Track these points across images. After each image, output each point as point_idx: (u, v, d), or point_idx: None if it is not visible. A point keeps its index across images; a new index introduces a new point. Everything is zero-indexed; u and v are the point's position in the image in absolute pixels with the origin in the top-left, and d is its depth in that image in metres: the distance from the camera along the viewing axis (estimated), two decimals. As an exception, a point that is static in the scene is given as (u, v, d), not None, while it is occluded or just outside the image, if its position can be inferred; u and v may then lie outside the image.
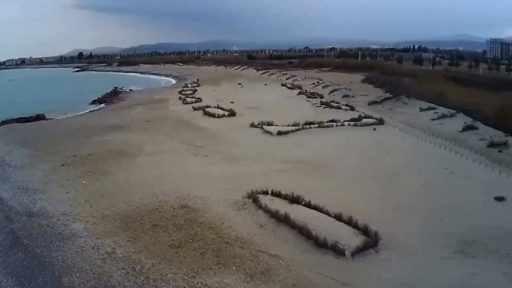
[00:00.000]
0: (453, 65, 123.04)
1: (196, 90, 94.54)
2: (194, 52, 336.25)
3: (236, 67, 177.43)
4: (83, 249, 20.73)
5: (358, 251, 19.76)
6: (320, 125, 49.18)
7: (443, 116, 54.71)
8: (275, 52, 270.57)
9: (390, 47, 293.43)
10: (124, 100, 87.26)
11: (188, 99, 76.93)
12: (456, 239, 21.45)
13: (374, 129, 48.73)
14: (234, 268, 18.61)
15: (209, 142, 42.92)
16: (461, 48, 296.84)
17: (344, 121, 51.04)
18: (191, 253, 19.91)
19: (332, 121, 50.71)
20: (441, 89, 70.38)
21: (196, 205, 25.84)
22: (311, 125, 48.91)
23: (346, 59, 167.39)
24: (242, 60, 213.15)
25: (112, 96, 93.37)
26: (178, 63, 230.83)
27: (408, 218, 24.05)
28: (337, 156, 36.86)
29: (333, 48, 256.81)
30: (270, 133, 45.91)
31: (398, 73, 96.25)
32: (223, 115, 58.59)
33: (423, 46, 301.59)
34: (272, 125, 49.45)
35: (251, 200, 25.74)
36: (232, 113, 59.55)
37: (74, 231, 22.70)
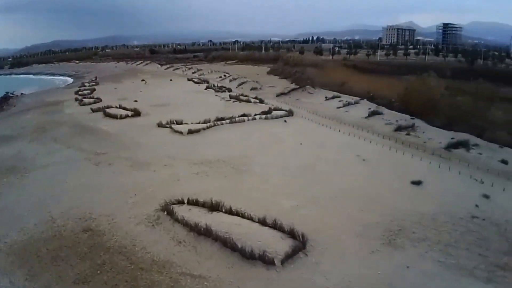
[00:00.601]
0: (351, 53, 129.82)
1: (94, 89, 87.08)
2: (92, 48, 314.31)
3: (138, 63, 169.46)
4: (-21, 294, 16.88)
5: (288, 258, 18.40)
6: (232, 120, 47.57)
7: (348, 104, 56.52)
8: (178, 46, 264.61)
9: (291, 39, 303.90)
10: (15, 105, 77.37)
11: (86, 100, 70.05)
12: (382, 230, 21.20)
13: (285, 121, 48.44)
14: (153, 299, 16.04)
15: (112, 147, 38.73)
16: (357, 37, 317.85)
17: (255, 114, 50.00)
18: (100, 289, 16.87)
19: (244, 115, 49.40)
20: (343, 77, 73.19)
21: (101, 226, 22.41)
22: (223, 121, 47.08)
23: (250, 51, 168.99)
24: (144, 55, 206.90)
25: (2, 103, 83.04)
26: (74, 61, 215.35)
27: (331, 212, 23.42)
28: (252, 153, 35.45)
29: (237, 41, 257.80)
30: (180, 132, 43.02)
31: (301, 64, 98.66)
32: (127, 116, 54.06)
33: (321, 37, 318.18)
34: (181, 123, 46.65)
35: (165, 213, 22.94)
36: (136, 113, 55.25)
37: (-32, 272, 18.45)
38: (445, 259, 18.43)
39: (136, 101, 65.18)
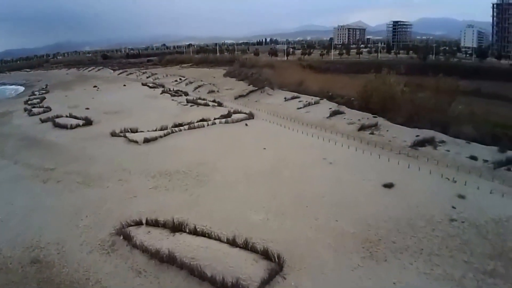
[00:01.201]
0: (305, 54, 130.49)
1: (44, 98, 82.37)
2: (43, 56, 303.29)
3: (90, 69, 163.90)
4: None
5: (264, 284, 16.36)
6: (190, 126, 45.24)
7: (308, 104, 55.41)
8: (131, 51, 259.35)
9: (245, 41, 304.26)
10: (-37, 120, 71.16)
11: (35, 110, 65.55)
12: (361, 241, 19.69)
13: (246, 124, 46.65)
14: None
15: (62, 161, 35.37)
16: (309, 38, 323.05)
17: (215, 118, 47.92)
18: None
19: (203, 120, 47.20)
20: (300, 77, 72.65)
21: (51, 256, 19.55)
22: (181, 127, 44.68)
23: (205, 54, 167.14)
24: (96, 61, 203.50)
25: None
26: (25, 69, 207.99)
27: (303, 224, 21.69)
28: (214, 161, 33.25)
29: (190, 44, 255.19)
30: (136, 141, 40.05)
31: (257, 65, 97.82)
32: (78, 125, 50.39)
33: (275, 38, 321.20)
34: (137, 131, 43.78)
35: (121, 237, 20.34)
36: (88, 122, 51.74)
37: None
38: (431, 270, 17.11)
39: (87, 108, 61.47)
